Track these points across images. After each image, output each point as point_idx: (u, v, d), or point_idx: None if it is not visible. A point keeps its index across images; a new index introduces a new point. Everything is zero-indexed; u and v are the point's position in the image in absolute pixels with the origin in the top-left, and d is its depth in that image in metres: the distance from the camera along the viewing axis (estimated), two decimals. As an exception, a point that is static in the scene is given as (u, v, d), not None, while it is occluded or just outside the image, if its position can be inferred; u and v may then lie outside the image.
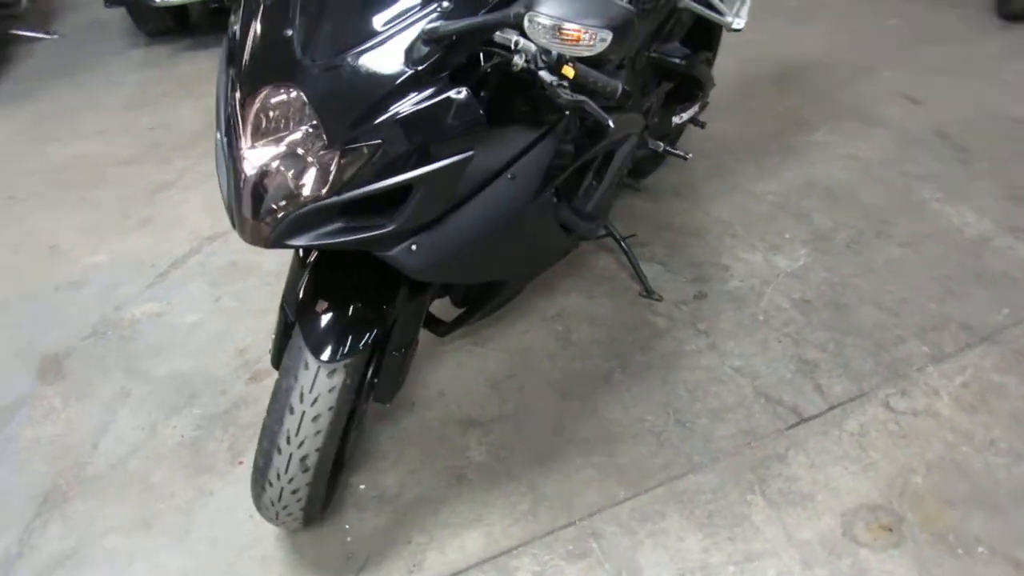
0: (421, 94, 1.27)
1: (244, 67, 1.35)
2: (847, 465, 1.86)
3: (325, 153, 1.27)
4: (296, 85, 1.28)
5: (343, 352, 1.41)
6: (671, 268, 2.51)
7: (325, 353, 1.40)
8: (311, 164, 1.28)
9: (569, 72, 1.23)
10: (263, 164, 1.29)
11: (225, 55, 1.44)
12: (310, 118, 1.28)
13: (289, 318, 1.52)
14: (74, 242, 2.84)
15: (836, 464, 1.87)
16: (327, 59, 1.29)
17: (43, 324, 2.45)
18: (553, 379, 2.15)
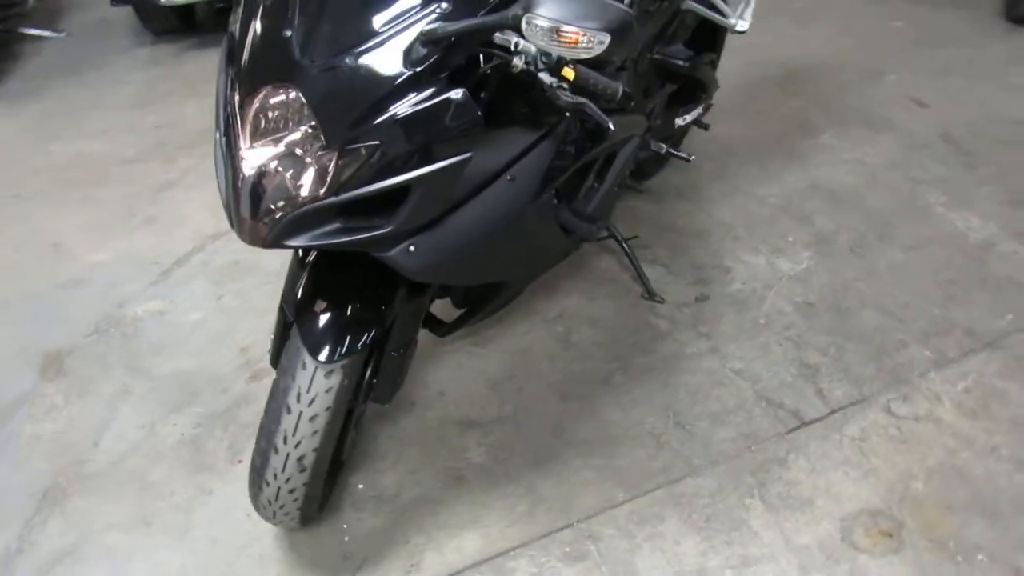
0: (419, 95, 1.27)
1: (243, 67, 1.36)
2: (847, 470, 1.85)
3: (323, 154, 1.27)
4: (295, 85, 1.28)
5: (341, 352, 1.41)
6: (673, 270, 2.50)
7: (323, 353, 1.40)
8: (309, 165, 1.28)
9: (569, 74, 1.23)
10: (261, 164, 1.29)
11: (225, 55, 1.44)
12: (308, 118, 1.28)
13: (288, 318, 1.52)
14: (77, 240, 2.85)
15: (836, 469, 1.86)
16: (326, 59, 1.30)
17: (46, 322, 2.46)
18: (553, 381, 2.15)
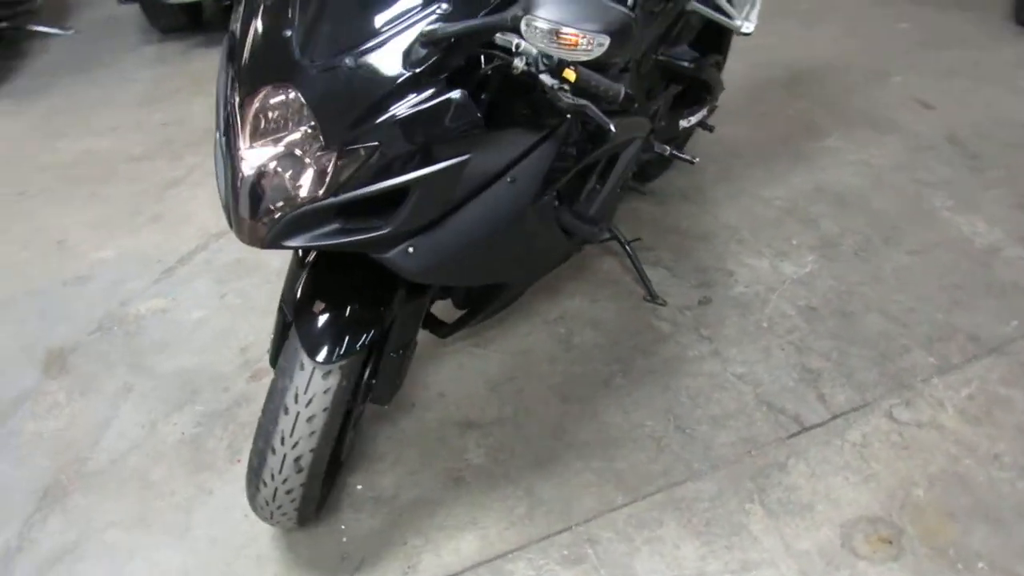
0: (419, 96, 1.26)
1: (243, 66, 1.35)
2: (848, 476, 1.84)
3: (322, 154, 1.27)
4: (294, 86, 1.28)
5: (339, 353, 1.41)
6: (676, 273, 2.49)
7: (321, 354, 1.40)
8: (309, 165, 1.28)
9: (570, 75, 1.22)
10: (261, 164, 1.29)
11: (225, 54, 1.44)
12: (308, 119, 1.28)
13: (287, 318, 1.52)
14: (83, 237, 2.85)
15: (837, 474, 1.85)
16: (325, 60, 1.29)
17: (49, 319, 2.47)
18: (554, 382, 2.14)
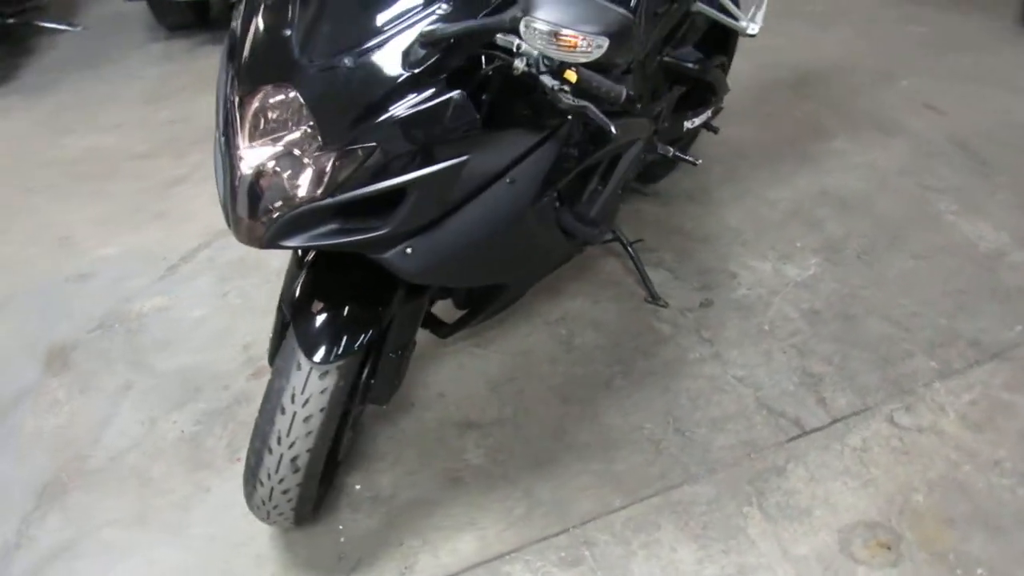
0: (417, 97, 1.26)
1: (243, 66, 1.36)
2: (847, 480, 1.83)
3: (321, 154, 1.27)
4: (293, 85, 1.28)
5: (336, 354, 1.41)
6: (678, 274, 2.49)
7: (318, 354, 1.40)
8: (307, 165, 1.28)
9: (571, 76, 1.21)
10: (259, 164, 1.29)
11: (226, 52, 1.44)
12: (307, 119, 1.28)
13: (286, 317, 1.51)
14: (86, 234, 2.86)
15: (836, 479, 1.84)
16: (325, 60, 1.29)
17: (51, 316, 2.48)
18: (554, 383, 2.14)
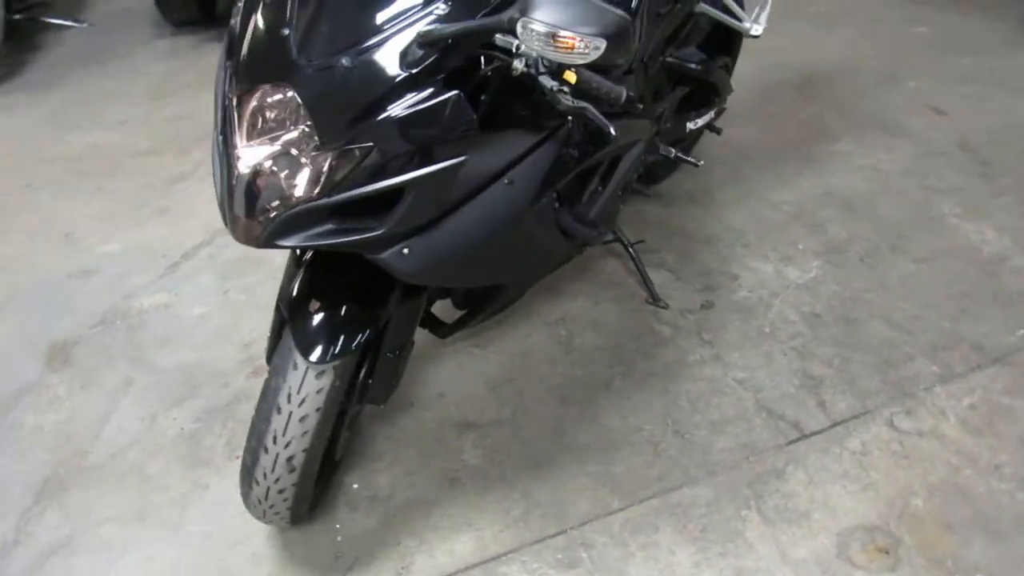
0: (415, 97, 1.26)
1: (241, 64, 1.35)
2: (846, 484, 1.83)
3: (318, 154, 1.27)
4: (291, 85, 1.28)
5: (333, 353, 1.41)
6: (680, 276, 2.48)
7: (314, 354, 1.40)
8: (304, 165, 1.28)
9: (571, 77, 1.21)
10: (257, 163, 1.29)
11: (225, 51, 1.44)
12: (304, 118, 1.27)
13: (284, 316, 1.51)
14: (89, 231, 2.86)
15: (835, 482, 1.83)
16: (322, 59, 1.29)
17: (53, 312, 2.48)
18: (553, 384, 2.13)
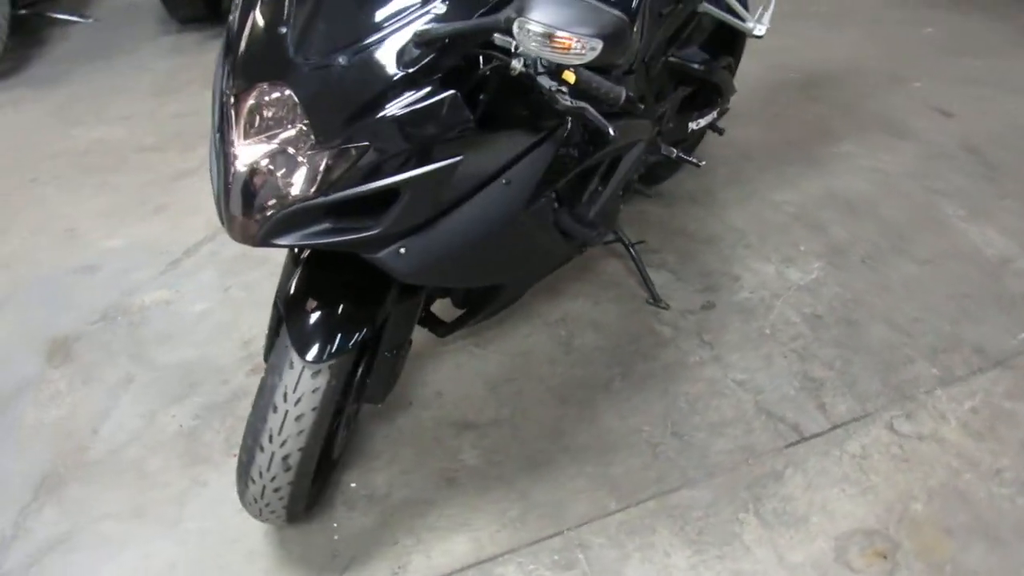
0: (411, 97, 1.25)
1: (238, 62, 1.35)
2: (845, 487, 1.82)
3: (314, 153, 1.26)
4: (287, 84, 1.27)
5: (329, 352, 1.41)
6: (681, 276, 2.47)
7: (310, 353, 1.39)
8: (301, 164, 1.27)
9: (570, 77, 1.20)
10: (253, 161, 1.29)
11: (223, 49, 1.44)
12: (301, 117, 1.27)
13: (281, 314, 1.51)
14: (92, 226, 2.87)
15: (834, 486, 1.83)
16: (319, 58, 1.29)
17: (55, 307, 2.49)
18: (552, 384, 2.13)
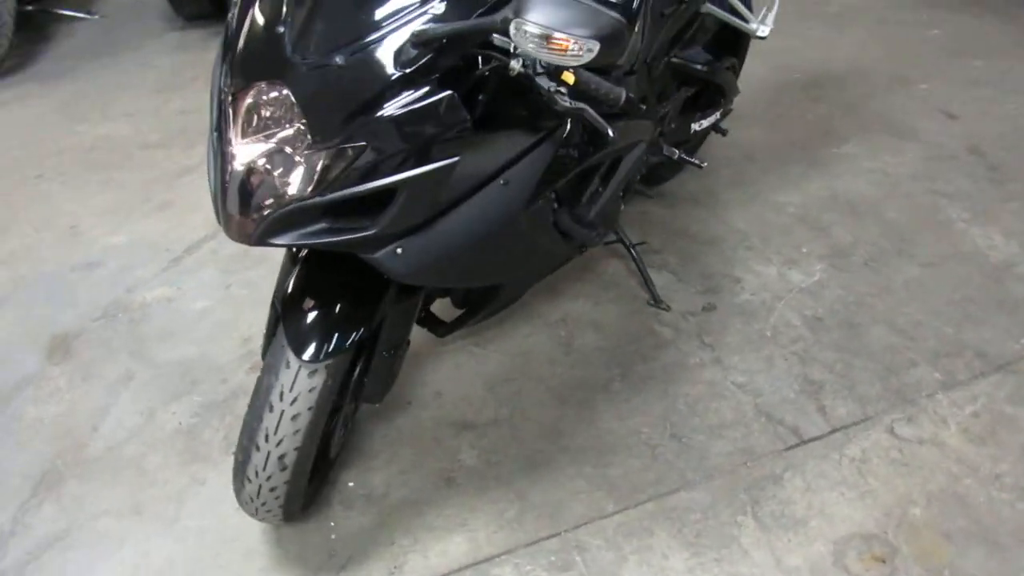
0: (408, 97, 1.25)
1: (236, 62, 1.35)
2: (844, 491, 1.81)
3: (311, 153, 1.26)
4: (285, 83, 1.27)
5: (326, 352, 1.40)
6: (682, 277, 2.46)
7: (307, 353, 1.39)
8: (298, 163, 1.27)
9: (569, 78, 1.20)
10: (250, 160, 1.28)
11: (221, 48, 1.44)
12: (298, 117, 1.27)
13: (279, 313, 1.51)
14: (95, 223, 2.88)
15: (833, 489, 1.82)
16: (317, 58, 1.28)
17: (56, 304, 2.49)
18: (552, 385, 2.12)
